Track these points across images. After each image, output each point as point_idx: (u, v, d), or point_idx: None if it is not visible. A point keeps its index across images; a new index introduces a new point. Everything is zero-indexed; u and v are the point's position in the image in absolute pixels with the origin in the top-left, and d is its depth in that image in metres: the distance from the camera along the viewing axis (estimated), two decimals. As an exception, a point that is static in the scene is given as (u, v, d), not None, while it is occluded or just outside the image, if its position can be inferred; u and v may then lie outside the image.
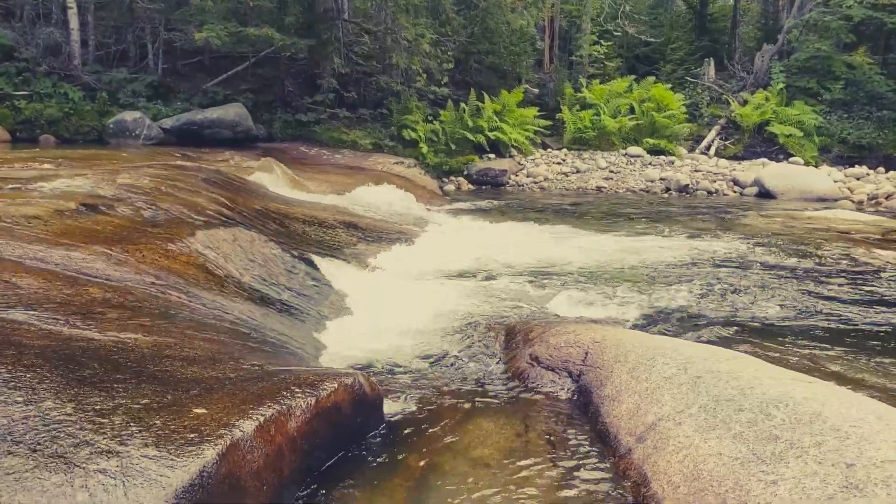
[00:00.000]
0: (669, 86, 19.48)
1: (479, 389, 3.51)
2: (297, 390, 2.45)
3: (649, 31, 24.05)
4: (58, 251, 3.75)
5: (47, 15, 15.30)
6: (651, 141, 17.70)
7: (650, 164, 16.89)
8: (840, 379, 3.75)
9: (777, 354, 4.23)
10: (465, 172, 15.79)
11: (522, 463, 2.64)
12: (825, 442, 2.11)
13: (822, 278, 6.52)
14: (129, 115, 13.59)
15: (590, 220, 10.72)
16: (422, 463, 2.65)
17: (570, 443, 2.84)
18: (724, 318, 5.13)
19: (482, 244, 7.92)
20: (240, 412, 2.16)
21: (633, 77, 19.64)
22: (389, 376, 3.72)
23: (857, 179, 15.55)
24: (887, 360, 4.19)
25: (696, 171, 16.36)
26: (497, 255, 7.26)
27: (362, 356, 4.05)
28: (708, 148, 18.50)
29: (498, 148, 16.66)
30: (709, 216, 11.58)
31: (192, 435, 1.96)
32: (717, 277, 6.52)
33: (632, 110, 18.42)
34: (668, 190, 15.60)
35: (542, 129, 17.68)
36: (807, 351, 4.35)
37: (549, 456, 2.71)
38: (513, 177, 16.00)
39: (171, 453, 1.85)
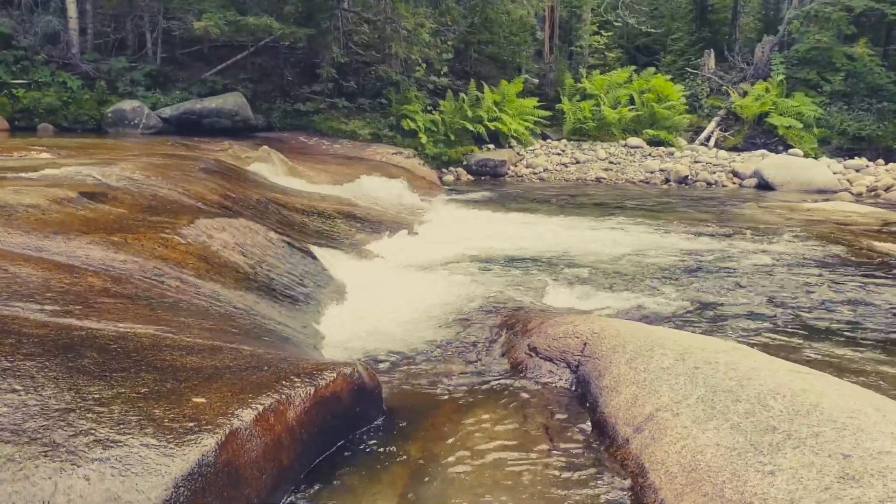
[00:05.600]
0: (670, 77, 19.43)
1: (478, 380, 3.51)
2: (297, 380, 2.45)
3: (650, 22, 23.96)
4: (56, 240, 3.74)
5: (45, 3, 15.22)
6: (651, 132, 17.67)
7: (650, 155, 16.88)
8: (838, 370, 3.76)
9: (775, 345, 4.25)
10: (465, 163, 15.76)
11: (520, 453, 2.65)
12: (822, 433, 2.12)
13: (821, 270, 6.52)
14: (127, 104, 13.54)
15: (589, 211, 10.72)
16: (420, 453, 2.66)
17: (569, 433, 2.84)
18: (722, 309, 5.14)
19: (481, 234, 7.92)
20: (239, 401, 2.16)
21: (633, 68, 19.60)
22: (388, 366, 3.73)
23: (857, 171, 15.54)
24: (885, 352, 4.20)
25: (696, 162, 16.34)
26: (495, 246, 7.26)
27: (361, 346, 4.06)
28: (708, 139, 18.47)
29: (497, 138, 16.63)
30: (708, 208, 11.57)
31: (191, 424, 1.96)
32: (715, 269, 6.53)
33: (632, 101, 18.37)
34: (667, 181, 15.59)
35: (541, 120, 17.64)
36: (805, 342, 4.36)
37: (547, 446, 2.72)
38: (512, 167, 15.97)
39: (169, 442, 1.85)
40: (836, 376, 2.75)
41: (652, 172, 15.81)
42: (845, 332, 4.62)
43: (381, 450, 2.68)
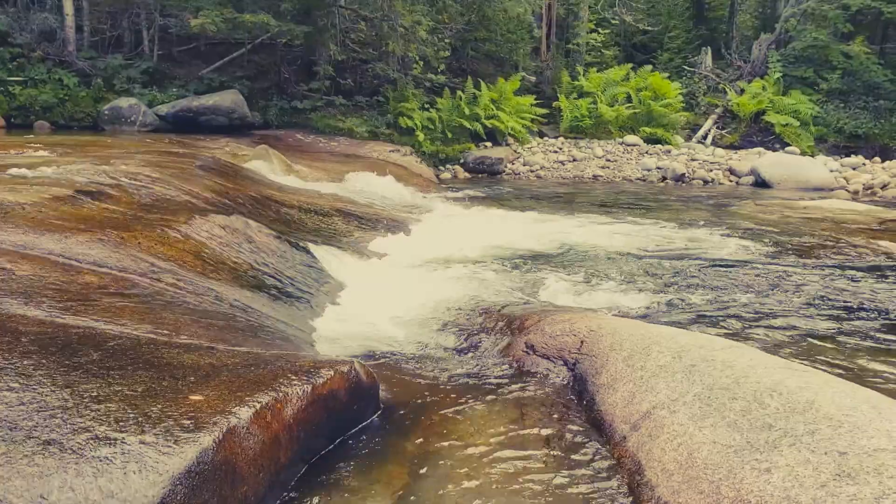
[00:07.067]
0: (667, 74, 19.44)
1: (475, 377, 3.52)
2: (294, 377, 2.45)
3: (647, 20, 23.96)
4: (53, 238, 3.74)
5: (41, 0, 15.18)
6: (648, 130, 17.68)
7: (647, 152, 16.88)
8: (834, 368, 3.77)
9: (772, 343, 4.25)
10: (462, 161, 15.76)
11: (517, 450, 2.65)
12: (818, 430, 2.13)
13: (818, 268, 6.54)
14: (124, 102, 13.52)
15: (585, 209, 10.72)
16: (418, 450, 2.66)
17: (566, 431, 2.85)
18: (719, 307, 5.15)
19: (478, 232, 7.91)
20: (236, 399, 2.17)
21: (630, 65, 19.59)
22: (386, 364, 3.73)
23: (853, 169, 15.57)
24: (882, 350, 4.21)
25: (693, 160, 16.35)
26: (492, 243, 7.26)
27: (358, 344, 4.06)
28: (705, 137, 18.49)
29: (494, 136, 16.62)
30: (705, 205, 11.59)
31: (189, 422, 1.96)
32: (712, 267, 6.54)
33: (629, 99, 18.37)
34: (664, 179, 15.60)
35: (538, 118, 17.63)
36: (801, 340, 4.37)
37: (544, 443, 2.73)
38: (509, 165, 15.97)
39: (167, 440, 1.85)
40: (832, 374, 2.75)
41: (649, 170, 15.81)
42: (842, 330, 4.63)
43: (379, 447, 2.68)
